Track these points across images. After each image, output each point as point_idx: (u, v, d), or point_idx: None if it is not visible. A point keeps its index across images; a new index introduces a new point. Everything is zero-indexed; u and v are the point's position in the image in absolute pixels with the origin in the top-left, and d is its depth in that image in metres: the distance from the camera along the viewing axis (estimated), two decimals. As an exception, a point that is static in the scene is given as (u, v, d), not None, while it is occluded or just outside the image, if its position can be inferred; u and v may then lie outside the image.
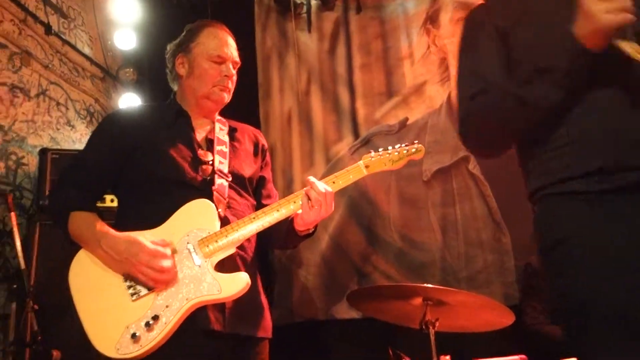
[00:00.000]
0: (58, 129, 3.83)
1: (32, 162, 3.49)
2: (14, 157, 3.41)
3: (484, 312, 2.38)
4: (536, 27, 1.48)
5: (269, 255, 4.01)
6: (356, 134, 4.13)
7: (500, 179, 3.73)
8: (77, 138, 3.98)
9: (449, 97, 4.00)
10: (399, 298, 2.40)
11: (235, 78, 2.14)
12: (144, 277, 1.79)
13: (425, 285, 2.34)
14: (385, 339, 2.95)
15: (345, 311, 3.65)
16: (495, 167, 3.77)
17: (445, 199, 3.78)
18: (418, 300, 2.38)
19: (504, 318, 2.37)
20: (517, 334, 2.81)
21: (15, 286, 2.83)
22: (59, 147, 3.69)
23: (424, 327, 2.32)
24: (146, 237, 1.83)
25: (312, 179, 1.97)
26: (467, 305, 2.36)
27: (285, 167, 4.21)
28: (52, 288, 1.86)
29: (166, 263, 1.79)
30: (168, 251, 1.82)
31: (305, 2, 4.44)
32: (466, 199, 3.74)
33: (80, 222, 1.90)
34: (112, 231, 1.86)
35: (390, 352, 2.59)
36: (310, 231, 2.05)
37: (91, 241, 1.85)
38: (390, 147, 2.05)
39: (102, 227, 1.87)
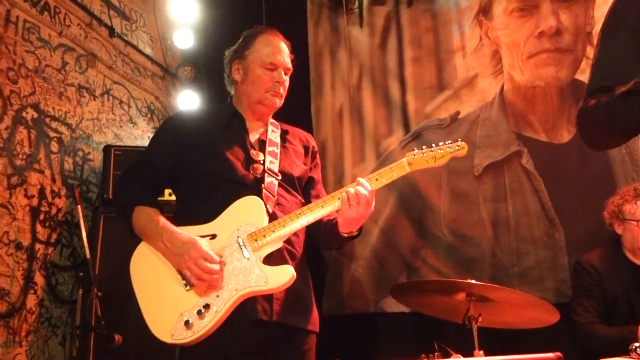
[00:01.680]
0: (121, 126, 4.04)
1: (97, 158, 3.71)
2: (80, 154, 3.64)
3: (527, 310, 2.37)
4: None
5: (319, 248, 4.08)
6: (407, 128, 4.14)
7: (555, 174, 3.66)
8: (138, 134, 4.19)
9: (501, 90, 3.94)
10: (443, 293, 2.43)
11: (287, 83, 2.24)
12: (189, 272, 1.91)
13: (469, 281, 2.35)
14: (434, 333, 2.98)
15: (394, 304, 3.68)
16: (550, 162, 3.70)
17: (496, 194, 3.73)
18: (462, 296, 2.40)
19: (549, 316, 2.35)
20: (564, 332, 2.78)
21: (81, 274, 3.02)
22: (121, 143, 3.90)
23: (466, 322, 2.34)
24: (204, 241, 1.95)
25: (360, 179, 2.03)
26: (510, 302, 2.36)
27: (336, 162, 4.27)
28: (115, 276, 2.01)
29: (212, 266, 1.90)
30: (217, 258, 1.93)
31: (357, -3, 4.47)
32: (518, 194, 3.68)
33: (144, 216, 2.04)
34: (172, 227, 1.99)
35: (436, 347, 2.61)
36: (354, 234, 2.10)
37: (153, 235, 1.99)
38: (433, 145, 2.08)
39: (164, 222, 2.01)
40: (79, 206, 3.12)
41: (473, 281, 2.35)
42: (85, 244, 3.02)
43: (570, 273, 3.36)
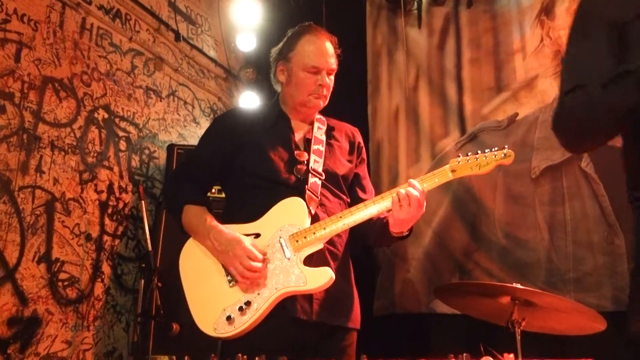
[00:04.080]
0: (185, 126, 4.25)
1: (162, 156, 3.93)
2: (147, 152, 3.86)
3: (573, 316, 2.33)
4: None
5: (373, 248, 4.13)
6: (463, 130, 4.11)
7: (616, 178, 3.52)
8: (201, 134, 4.37)
9: (562, 91, 3.84)
10: (487, 295, 2.42)
11: (332, 84, 2.25)
12: (234, 270, 2.00)
13: (514, 285, 2.34)
14: (482, 335, 2.96)
15: (445, 306, 3.67)
16: (610, 165, 3.57)
17: (553, 197, 3.65)
18: (506, 299, 2.38)
19: (595, 323, 2.30)
20: (613, 341, 2.70)
21: (143, 265, 3.22)
22: (185, 142, 4.10)
23: (510, 325, 2.33)
24: (249, 240, 2.03)
25: (412, 180, 2.04)
26: (555, 308, 2.33)
27: (391, 163, 4.30)
28: (174, 268, 2.14)
29: (256, 265, 1.98)
30: (261, 256, 2.00)
31: (416, -1, 4.48)
32: (577, 197, 3.58)
33: (193, 215, 2.14)
34: (219, 226, 2.08)
35: (482, 349, 2.61)
36: (405, 234, 2.12)
37: (201, 233, 2.09)
38: (479, 152, 2.05)
39: (212, 221, 2.10)
40: (142, 201, 3.32)
41: (518, 285, 2.34)
42: (148, 237, 3.21)
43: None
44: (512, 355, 1.48)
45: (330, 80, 2.25)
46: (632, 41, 1.44)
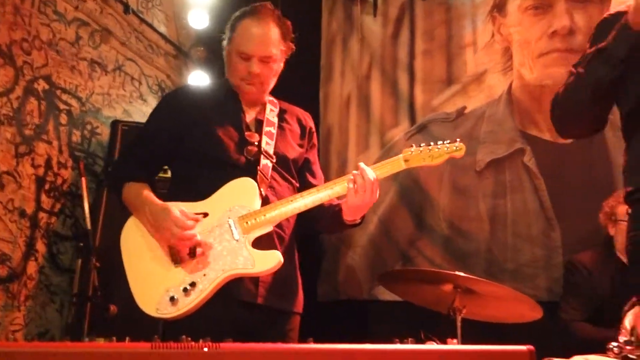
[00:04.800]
0: (131, 102, 4.11)
1: (105, 132, 3.78)
2: (89, 127, 3.71)
3: (512, 304, 2.40)
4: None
5: (316, 232, 4.13)
6: (413, 120, 4.16)
7: (556, 174, 3.66)
8: (148, 111, 4.18)
9: (510, 87, 3.94)
10: (430, 283, 2.46)
11: (270, 71, 2.16)
12: (165, 242, 1.96)
13: (456, 273, 2.39)
14: (423, 322, 3.01)
15: (388, 293, 3.71)
16: (552, 161, 3.70)
17: (496, 190, 3.75)
18: (449, 287, 2.43)
19: (532, 312, 2.38)
20: (548, 329, 2.80)
21: (81, 244, 3.10)
22: (131, 119, 3.96)
23: (451, 312, 2.38)
24: (179, 208, 1.97)
25: (362, 165, 2.03)
26: (495, 296, 2.39)
27: (340, 150, 4.30)
28: (114, 248, 2.07)
29: (186, 233, 1.93)
30: (191, 223, 1.95)
31: (372, -14, 4.47)
32: (518, 191, 3.69)
33: (132, 191, 2.09)
34: (155, 199, 2.03)
35: (422, 336, 2.65)
36: (357, 221, 2.13)
37: (139, 208, 2.03)
38: (432, 143, 2.07)
39: (148, 195, 2.05)
40: (83, 178, 3.20)
41: (460, 273, 2.39)
42: (87, 215, 3.10)
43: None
44: (455, 340, 1.50)
45: (267, 68, 2.15)
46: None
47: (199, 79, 4.47)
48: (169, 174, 2.30)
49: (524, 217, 3.64)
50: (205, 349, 1.25)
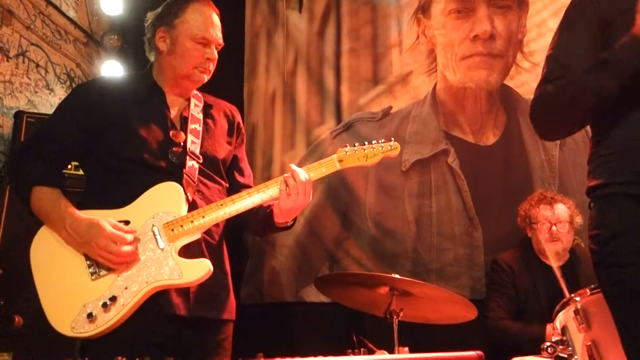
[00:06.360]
0: (36, 92, 3.76)
1: (6, 124, 3.42)
2: (-12, 118, 3.35)
3: (448, 306, 2.42)
4: (626, 25, 1.52)
5: (243, 233, 4.00)
6: (339, 119, 4.12)
7: (478, 175, 3.76)
8: (55, 102, 3.91)
9: (434, 88, 3.99)
10: (367, 286, 2.43)
11: (216, 59, 2.09)
12: (102, 260, 1.79)
13: (393, 275, 2.36)
14: (353, 324, 2.98)
15: (314, 295, 3.67)
16: (474, 163, 3.80)
17: (421, 190, 3.79)
18: (385, 290, 2.41)
19: (468, 312, 2.40)
20: (480, 329, 2.86)
21: (-20, 249, 2.79)
22: (36, 110, 3.62)
23: (388, 316, 2.35)
24: (108, 221, 1.81)
25: (293, 166, 1.96)
26: (432, 298, 2.39)
27: (265, 148, 4.19)
28: (18, 253, 1.85)
29: (125, 248, 1.79)
30: (129, 237, 1.81)
31: (297, -19, 4.39)
32: (442, 192, 3.75)
33: (45, 199, 1.88)
34: (76, 212, 1.84)
35: (355, 339, 2.61)
36: (289, 224, 2.05)
37: (57, 221, 1.83)
38: (366, 143, 2.04)
39: (67, 207, 1.85)
40: (-18, 175, 2.87)
41: (397, 276, 2.36)
42: (-13, 216, 2.78)
43: (486, 271, 3.47)
44: (406, 349, 1.45)
45: (217, 57, 2.08)
46: (613, 36, 1.55)
47: (112, 68, 4.19)
48: (81, 172, 2.11)
49: (448, 217, 3.71)
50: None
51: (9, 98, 3.50)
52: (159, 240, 1.83)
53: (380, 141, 2.04)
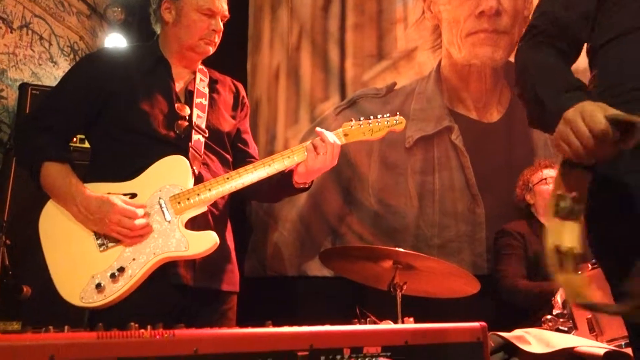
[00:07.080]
0: (40, 64, 3.74)
1: (11, 96, 3.42)
2: (-8, 90, 3.35)
3: (451, 280, 2.44)
4: None
5: (246, 207, 4.03)
6: (343, 95, 4.10)
7: (481, 152, 3.76)
8: (59, 75, 3.90)
9: (439, 65, 3.97)
10: (370, 260, 2.45)
11: (221, 30, 2.09)
12: (117, 235, 1.81)
13: (396, 249, 2.38)
14: (355, 298, 3.02)
15: (317, 268, 3.71)
16: (478, 140, 3.80)
17: (425, 167, 3.80)
18: (388, 263, 2.43)
19: (470, 287, 2.43)
20: (484, 303, 2.90)
21: (-12, 221, 2.80)
22: (40, 82, 3.61)
23: (391, 289, 2.38)
24: (119, 197, 1.83)
25: (319, 129, 2.00)
26: (435, 272, 2.42)
27: (269, 123, 4.18)
28: (25, 224, 1.86)
29: (138, 222, 1.81)
30: (140, 211, 1.82)
31: (302, -46, 4.33)
32: (446, 168, 3.76)
33: (55, 175, 1.88)
34: (86, 190, 1.85)
35: (358, 311, 2.65)
36: (307, 185, 2.08)
37: (67, 198, 1.85)
38: (371, 117, 2.05)
39: (77, 184, 1.86)
40: (-13, 147, 2.88)
41: (400, 249, 2.39)
42: (-6, 188, 2.79)
43: (488, 246, 3.50)
44: (412, 319, 1.48)
45: (222, 28, 2.08)
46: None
47: (115, 41, 4.17)
48: (86, 144, 2.11)
49: (451, 194, 3.72)
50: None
51: (13, 70, 3.50)
52: (166, 212, 1.85)
53: (385, 115, 2.06)
